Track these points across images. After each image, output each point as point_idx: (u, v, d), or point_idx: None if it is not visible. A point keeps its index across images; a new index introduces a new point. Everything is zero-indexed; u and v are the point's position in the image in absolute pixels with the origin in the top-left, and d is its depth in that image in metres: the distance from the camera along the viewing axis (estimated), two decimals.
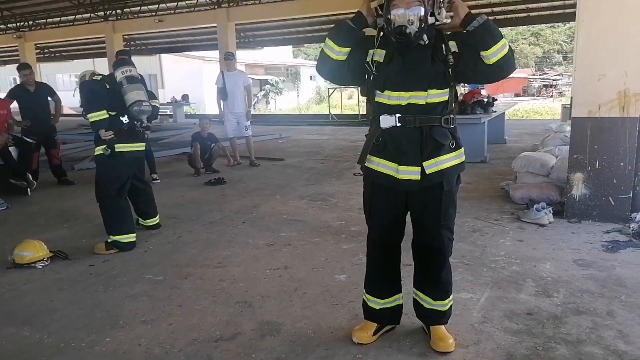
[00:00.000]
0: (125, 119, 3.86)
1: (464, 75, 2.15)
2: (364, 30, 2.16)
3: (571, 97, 4.88)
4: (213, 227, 4.51)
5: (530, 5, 14.18)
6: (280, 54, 32.25)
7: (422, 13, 2.02)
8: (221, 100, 7.65)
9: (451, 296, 2.40)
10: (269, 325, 2.65)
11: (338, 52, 2.15)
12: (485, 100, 7.69)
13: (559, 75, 32.77)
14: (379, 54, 2.17)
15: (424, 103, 2.12)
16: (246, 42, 18.79)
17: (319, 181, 6.45)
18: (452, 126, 2.19)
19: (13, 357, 2.46)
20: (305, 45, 36.22)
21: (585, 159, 4.24)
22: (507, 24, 16.91)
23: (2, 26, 20.11)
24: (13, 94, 6.56)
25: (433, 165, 2.15)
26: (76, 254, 3.85)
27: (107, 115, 3.81)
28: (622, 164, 4.13)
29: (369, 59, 2.17)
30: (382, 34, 2.16)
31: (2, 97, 6.51)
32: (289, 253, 3.76)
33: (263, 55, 26.97)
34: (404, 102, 2.13)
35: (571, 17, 13.71)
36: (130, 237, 3.93)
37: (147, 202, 4.39)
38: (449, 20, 2.06)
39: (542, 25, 31.96)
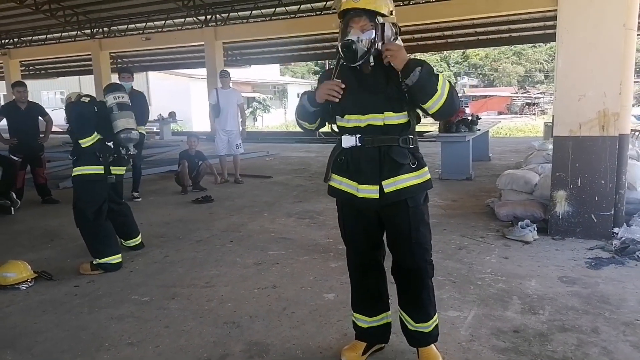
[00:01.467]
0: (110, 145, 3.86)
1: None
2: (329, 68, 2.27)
3: (553, 116, 5.00)
4: (200, 246, 4.48)
5: (512, 27, 14.58)
6: (268, 72, 32.45)
7: (373, 36, 2.12)
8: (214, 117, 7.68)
9: (435, 316, 2.38)
10: (258, 346, 2.64)
11: (311, 126, 2.39)
12: (470, 118, 7.84)
13: (541, 93, 33.51)
14: None
15: (382, 124, 2.18)
16: (234, 60, 18.91)
17: (307, 199, 6.47)
18: (411, 146, 2.23)
19: None
20: (292, 63, 36.61)
21: (568, 177, 4.34)
22: (490, 44, 17.31)
23: None
24: (3, 110, 6.58)
25: (392, 185, 2.19)
26: (61, 275, 3.79)
27: (99, 137, 3.80)
28: (603, 181, 4.23)
29: None
30: (339, 66, 2.25)
31: None
32: (277, 272, 3.75)
33: (250, 73, 27.10)
34: (362, 124, 2.21)
35: (551, 37, 14.09)
36: (116, 258, 3.88)
37: (126, 224, 4.31)
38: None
39: (524, 45, 32.72)
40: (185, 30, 16.28)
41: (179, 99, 25.22)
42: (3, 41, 19.54)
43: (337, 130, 2.34)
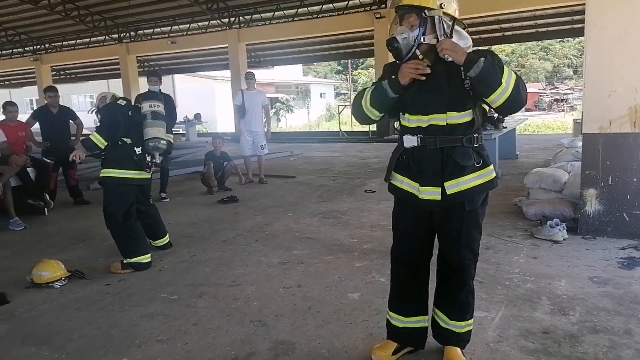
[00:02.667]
0: (138, 150, 3.95)
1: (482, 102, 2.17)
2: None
3: (582, 112, 4.88)
4: (226, 246, 4.55)
5: (538, 22, 14.27)
6: (291, 73, 32.60)
7: (417, 34, 2.09)
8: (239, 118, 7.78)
9: (470, 320, 2.36)
10: (284, 344, 2.66)
11: (378, 116, 2.30)
12: (496, 116, 7.71)
13: (569, 89, 32.69)
14: None
15: (445, 124, 2.13)
16: (257, 62, 19.10)
17: (331, 198, 6.48)
18: (476, 145, 2.16)
19: None
20: (315, 63, 36.68)
21: (598, 175, 4.23)
22: (516, 40, 16.96)
23: (19, 49, 20.69)
24: (36, 115, 6.82)
25: (454, 186, 2.14)
26: (93, 274, 3.91)
27: (105, 144, 3.88)
28: (635, 179, 4.11)
29: None
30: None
31: (23, 120, 6.69)
32: (302, 271, 3.78)
33: (273, 74, 27.30)
34: (424, 125, 2.16)
35: (579, 32, 13.77)
36: (145, 258, 3.97)
37: (154, 224, 4.40)
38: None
39: (552, 40, 31.97)
40: (210, 33, 16.51)
41: (204, 101, 25.57)
42: (35, 47, 20.19)
43: (398, 128, 2.29)
